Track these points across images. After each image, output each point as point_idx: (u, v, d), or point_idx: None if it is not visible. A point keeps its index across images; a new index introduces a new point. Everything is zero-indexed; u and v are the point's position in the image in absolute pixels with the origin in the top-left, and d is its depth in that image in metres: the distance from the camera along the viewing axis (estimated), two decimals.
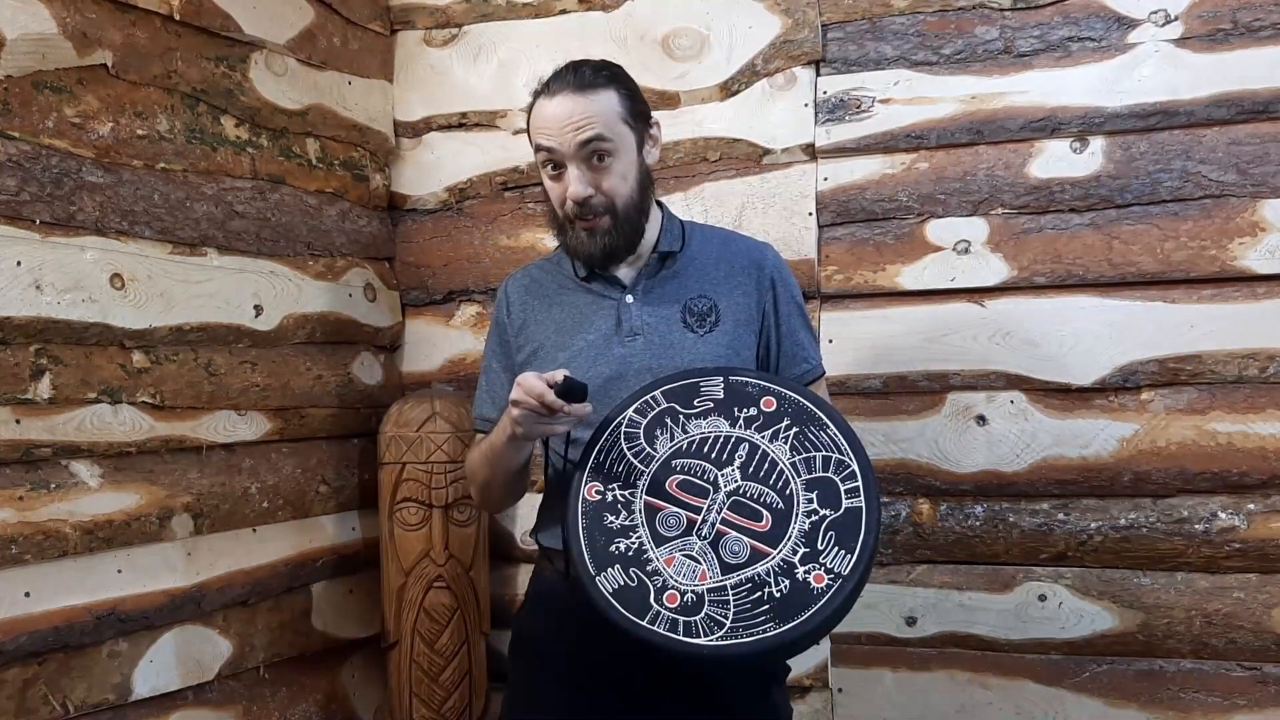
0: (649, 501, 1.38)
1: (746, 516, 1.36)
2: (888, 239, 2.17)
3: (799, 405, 1.43)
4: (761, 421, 1.42)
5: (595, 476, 1.42)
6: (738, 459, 1.40)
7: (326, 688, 2.25)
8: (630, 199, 1.54)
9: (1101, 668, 2.08)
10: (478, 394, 1.72)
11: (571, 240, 1.56)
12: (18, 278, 1.59)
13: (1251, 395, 1.99)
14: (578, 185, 1.50)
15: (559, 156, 1.51)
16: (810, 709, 2.20)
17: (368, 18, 2.38)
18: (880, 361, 2.17)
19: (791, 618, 1.27)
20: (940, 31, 2.14)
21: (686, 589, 1.31)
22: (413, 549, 2.22)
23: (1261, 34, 1.97)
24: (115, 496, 1.76)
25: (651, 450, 1.42)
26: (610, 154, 1.51)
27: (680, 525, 1.36)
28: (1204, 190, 2.01)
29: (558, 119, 1.49)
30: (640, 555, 1.35)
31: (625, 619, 1.30)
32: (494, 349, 1.70)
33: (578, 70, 1.53)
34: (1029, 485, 2.09)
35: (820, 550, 1.32)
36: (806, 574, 1.30)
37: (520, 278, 1.71)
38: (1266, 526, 1.98)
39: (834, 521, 1.33)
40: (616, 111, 1.52)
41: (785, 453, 1.40)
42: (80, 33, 1.69)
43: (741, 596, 1.30)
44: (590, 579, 1.33)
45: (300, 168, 2.19)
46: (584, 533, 1.37)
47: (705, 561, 1.33)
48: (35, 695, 1.64)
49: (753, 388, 1.45)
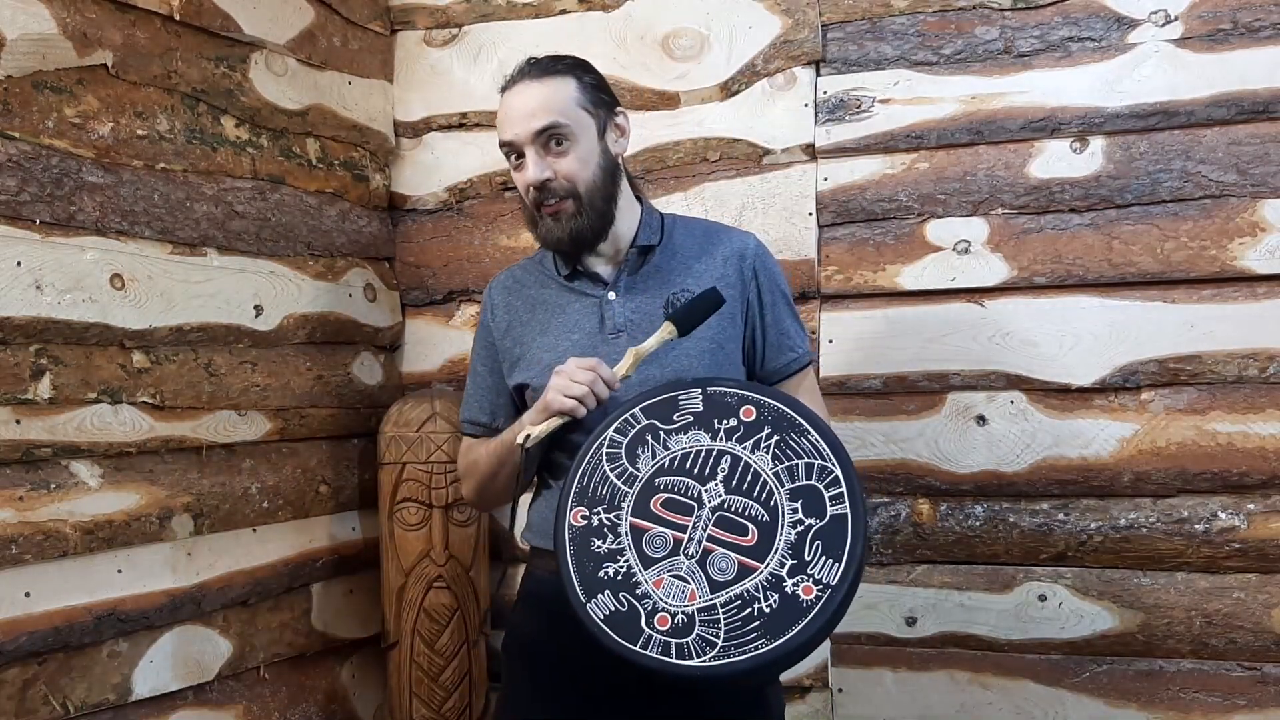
0: (635, 523, 1.37)
1: (732, 532, 1.34)
2: (888, 239, 2.17)
3: (778, 412, 1.41)
4: (742, 432, 1.41)
5: (580, 501, 1.41)
6: (720, 472, 1.38)
7: (326, 688, 2.25)
8: (592, 184, 1.54)
9: (1101, 668, 2.08)
10: (465, 398, 1.72)
11: (542, 230, 1.57)
12: (18, 278, 1.59)
13: (1251, 395, 1.99)
14: (534, 169, 1.52)
15: (519, 145, 1.53)
16: (810, 709, 2.20)
17: (368, 18, 2.38)
18: (880, 361, 2.17)
19: (782, 633, 1.26)
20: (940, 32, 2.14)
21: (677, 610, 1.30)
22: (413, 549, 2.22)
23: (1261, 34, 1.97)
24: (115, 496, 1.76)
25: (634, 470, 1.41)
26: (567, 138, 1.52)
27: (667, 545, 1.35)
28: (1204, 190, 2.01)
29: (513, 109, 1.53)
30: (629, 579, 1.34)
31: (618, 645, 1.30)
32: (479, 352, 1.71)
33: (534, 62, 1.57)
34: (1029, 485, 2.09)
35: (808, 561, 1.30)
36: (795, 587, 1.29)
37: (504, 279, 1.72)
38: (1266, 526, 1.98)
39: (820, 530, 1.32)
40: (573, 97, 1.54)
41: (768, 463, 1.38)
42: (80, 33, 1.69)
43: (731, 614, 1.29)
44: (581, 606, 1.33)
45: (300, 168, 2.19)
46: (572, 559, 1.36)
47: (694, 581, 1.32)
48: (35, 695, 1.64)
49: (731, 397, 1.44)
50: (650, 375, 1.51)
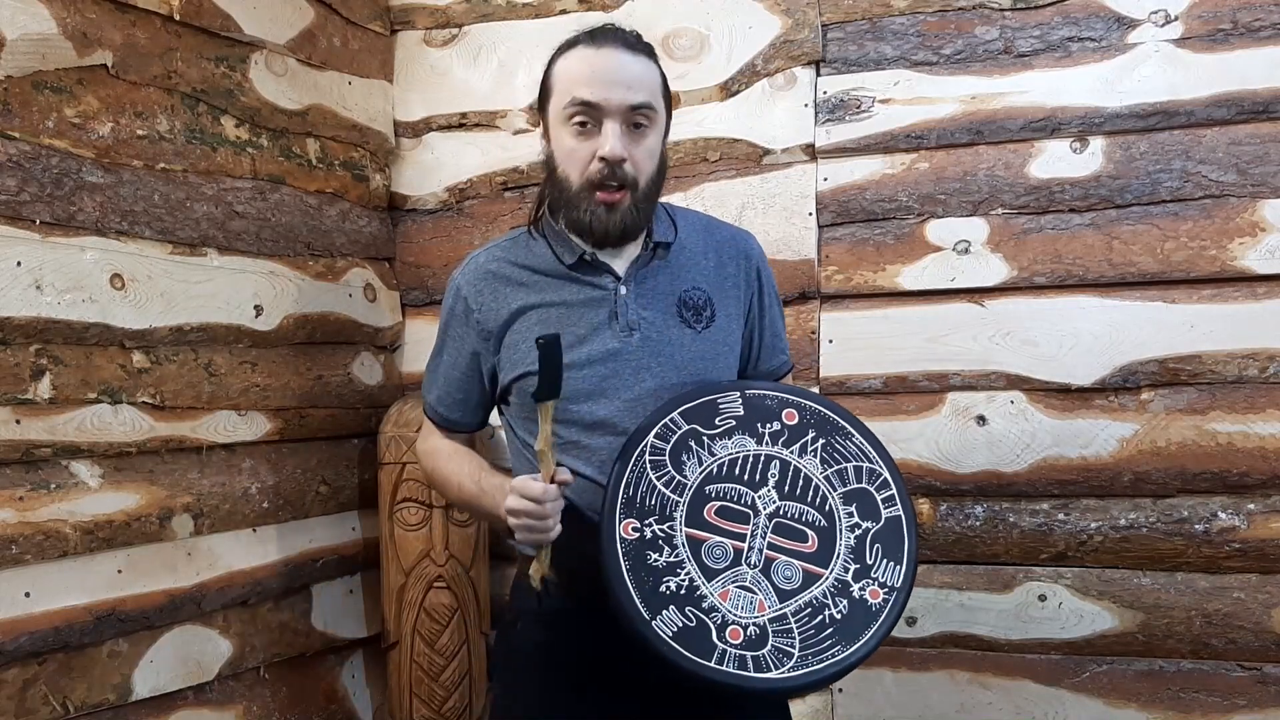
0: (690, 534, 1.33)
1: (792, 539, 1.33)
2: (888, 239, 2.17)
3: (820, 415, 1.41)
4: (787, 436, 1.39)
5: (630, 512, 1.34)
6: (771, 478, 1.36)
7: (326, 688, 2.25)
8: (651, 180, 1.45)
9: (1101, 668, 2.08)
10: (432, 384, 1.62)
11: (585, 216, 1.43)
12: (18, 278, 1.59)
13: (1251, 395, 1.99)
14: (616, 142, 1.38)
15: (599, 113, 1.39)
16: (810, 709, 2.20)
17: (368, 18, 2.38)
18: (880, 361, 2.17)
19: (856, 638, 1.26)
20: (940, 32, 2.14)
21: (748, 622, 1.27)
22: (413, 549, 2.22)
23: (1261, 34, 1.97)
24: (115, 496, 1.76)
25: (682, 478, 1.36)
26: (649, 125, 1.42)
27: (728, 555, 1.32)
28: (1204, 190, 2.01)
29: (608, 71, 1.39)
30: (694, 592, 1.29)
31: (692, 663, 1.24)
32: (452, 344, 1.57)
33: (624, 32, 1.44)
34: (1029, 485, 2.09)
35: (870, 565, 1.31)
36: (862, 591, 1.29)
37: (483, 263, 1.55)
38: (1266, 526, 1.98)
39: (877, 534, 1.33)
40: (659, 84, 1.45)
41: (817, 467, 1.37)
42: (80, 33, 1.69)
43: (804, 622, 1.27)
44: (645, 623, 1.26)
45: (300, 168, 2.19)
46: (629, 575, 1.29)
47: (760, 591, 1.29)
48: (35, 695, 1.64)
49: (772, 400, 1.41)
50: (667, 378, 1.46)
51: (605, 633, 1.40)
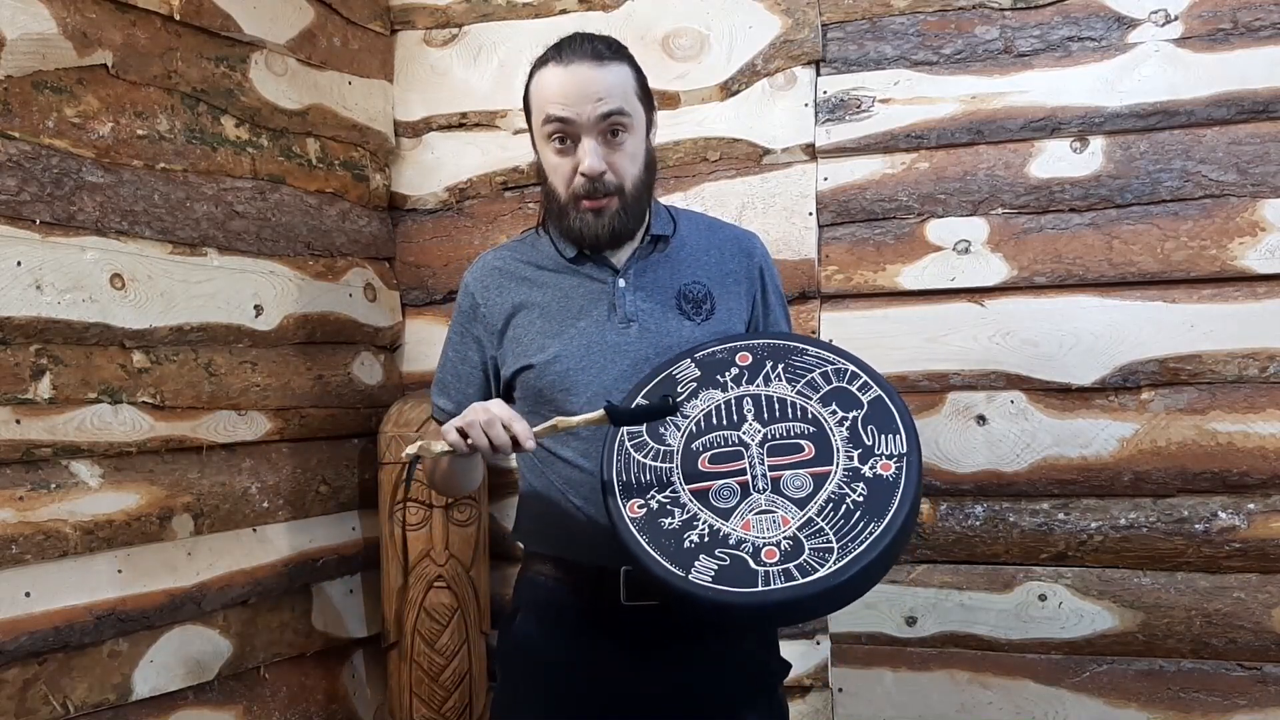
0: (694, 489, 1.34)
1: (789, 454, 1.34)
2: (888, 239, 2.17)
3: (771, 346, 1.44)
4: (748, 375, 1.42)
5: (629, 495, 1.35)
6: (749, 414, 1.38)
7: (326, 688, 2.25)
8: (637, 182, 1.47)
9: (1101, 668, 2.08)
10: (439, 381, 1.65)
11: (574, 224, 1.47)
12: (18, 278, 1.59)
13: (1251, 395, 1.99)
14: (594, 158, 1.42)
15: (574, 129, 1.43)
16: (810, 709, 2.20)
17: (368, 18, 2.38)
18: (880, 361, 2.12)
19: (884, 511, 1.25)
20: (940, 31, 2.14)
21: (779, 539, 1.27)
22: (413, 549, 2.22)
23: (1261, 34, 1.97)
24: (115, 496, 1.76)
25: (665, 447, 1.39)
26: (625, 130, 1.44)
27: (735, 492, 1.33)
28: (1204, 190, 2.01)
29: (576, 87, 1.42)
30: (716, 535, 1.29)
31: (741, 595, 1.23)
32: (458, 340, 1.62)
33: (590, 41, 1.46)
34: (1029, 485, 2.09)
35: (871, 446, 1.32)
36: (873, 468, 1.30)
37: (491, 262, 1.61)
38: (1266, 526, 1.98)
39: (865, 417, 1.34)
40: (631, 87, 1.46)
41: (786, 388, 1.39)
42: (80, 33, 1.69)
43: (830, 517, 1.27)
44: (683, 579, 1.25)
45: (300, 168, 2.19)
46: (650, 546, 1.29)
47: (779, 508, 1.30)
48: (35, 695, 1.64)
49: (722, 353, 1.45)
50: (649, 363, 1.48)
51: (606, 625, 1.42)
